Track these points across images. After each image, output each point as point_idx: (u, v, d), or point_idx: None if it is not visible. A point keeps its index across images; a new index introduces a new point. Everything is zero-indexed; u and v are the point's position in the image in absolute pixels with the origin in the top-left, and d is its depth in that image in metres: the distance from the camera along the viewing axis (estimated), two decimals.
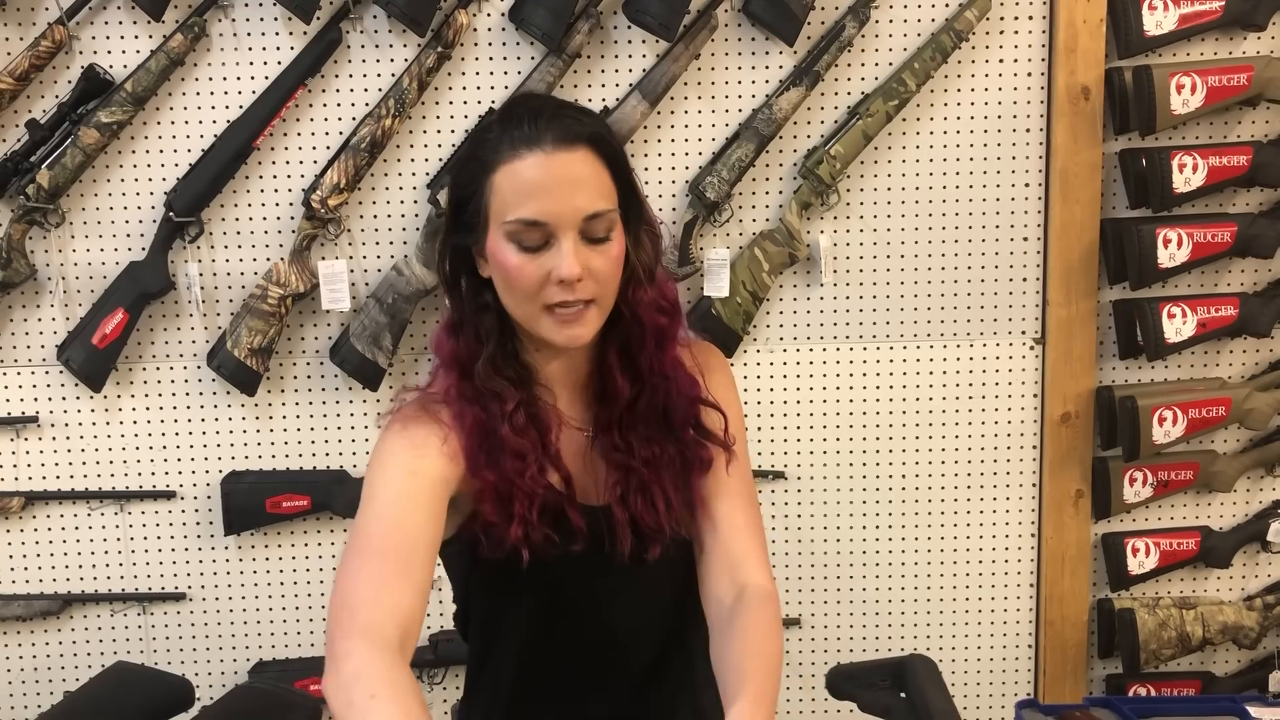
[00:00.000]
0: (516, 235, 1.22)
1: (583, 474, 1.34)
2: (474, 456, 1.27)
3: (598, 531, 1.31)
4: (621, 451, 1.31)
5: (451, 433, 1.28)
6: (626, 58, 2.27)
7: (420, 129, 2.27)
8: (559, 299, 1.23)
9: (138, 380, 2.32)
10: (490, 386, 1.28)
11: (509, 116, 1.26)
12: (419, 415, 1.30)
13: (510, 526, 1.25)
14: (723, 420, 1.36)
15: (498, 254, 1.24)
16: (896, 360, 2.41)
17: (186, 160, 2.24)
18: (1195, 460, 2.42)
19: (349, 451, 2.36)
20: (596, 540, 1.31)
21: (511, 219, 1.22)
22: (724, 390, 1.41)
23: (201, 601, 2.39)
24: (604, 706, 1.41)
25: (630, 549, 1.30)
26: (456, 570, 1.41)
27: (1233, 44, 2.34)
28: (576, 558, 1.29)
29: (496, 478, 1.26)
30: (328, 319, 2.32)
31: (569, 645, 1.38)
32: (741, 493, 1.38)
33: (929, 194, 2.36)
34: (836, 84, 2.31)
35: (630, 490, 1.31)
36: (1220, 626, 2.45)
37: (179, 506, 2.36)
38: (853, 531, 2.46)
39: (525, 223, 1.21)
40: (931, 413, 2.43)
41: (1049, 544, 2.46)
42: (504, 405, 1.27)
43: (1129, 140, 2.36)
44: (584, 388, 1.35)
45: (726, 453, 1.36)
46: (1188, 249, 2.31)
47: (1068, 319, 2.39)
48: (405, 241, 2.30)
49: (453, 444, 1.27)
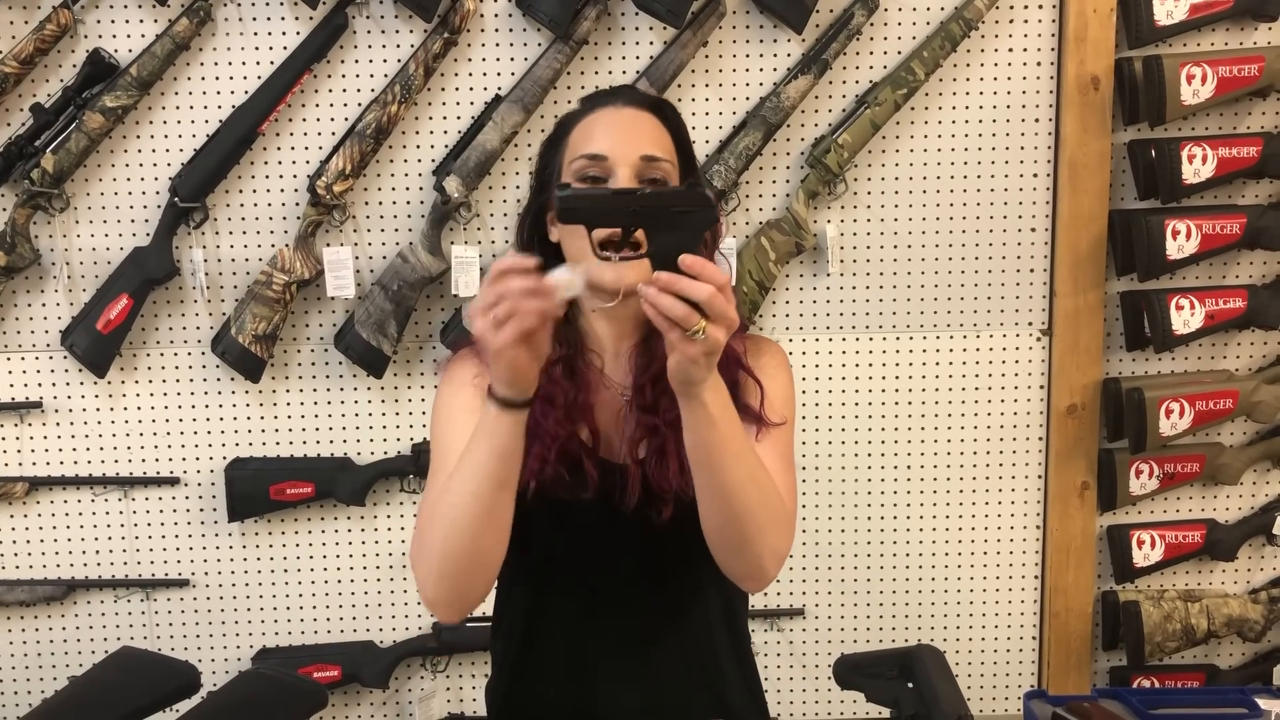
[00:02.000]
0: (581, 171, 1.32)
1: (613, 433, 1.38)
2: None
3: (610, 484, 1.35)
4: (649, 411, 1.35)
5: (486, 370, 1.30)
6: (634, 45, 2.26)
7: (426, 115, 2.26)
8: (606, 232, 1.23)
9: (142, 366, 2.32)
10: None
11: (593, 95, 1.41)
12: (464, 356, 1.40)
13: (529, 461, 1.30)
14: (760, 394, 1.38)
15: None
16: (903, 350, 2.40)
17: (191, 146, 2.23)
18: (1202, 453, 2.42)
19: (353, 439, 2.36)
20: (607, 492, 1.35)
21: (578, 155, 1.33)
22: (773, 370, 1.42)
23: (205, 588, 2.39)
24: (612, 672, 1.42)
25: (637, 505, 1.34)
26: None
27: (1244, 34, 2.33)
28: (584, 505, 1.35)
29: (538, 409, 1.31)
30: (332, 306, 2.31)
31: (575, 598, 1.41)
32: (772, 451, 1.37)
33: (937, 184, 2.35)
34: (845, 72, 2.30)
35: (650, 451, 1.35)
36: (1225, 619, 2.44)
37: (183, 493, 2.36)
38: (858, 522, 2.45)
39: (588, 156, 1.31)
40: (938, 403, 2.42)
41: (1054, 535, 2.45)
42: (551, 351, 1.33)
43: (1138, 131, 2.35)
44: (631, 355, 1.39)
45: (759, 426, 1.36)
46: (1196, 240, 2.30)
47: (1075, 310, 2.38)
48: (410, 228, 2.29)
49: (485, 379, 1.31)
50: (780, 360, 1.45)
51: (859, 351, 2.39)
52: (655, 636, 1.43)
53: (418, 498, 2.37)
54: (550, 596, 1.44)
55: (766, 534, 1.26)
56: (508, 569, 1.39)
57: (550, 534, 1.39)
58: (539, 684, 1.45)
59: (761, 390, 1.38)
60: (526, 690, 1.46)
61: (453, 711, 2.45)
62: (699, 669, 1.45)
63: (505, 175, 2.29)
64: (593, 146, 1.32)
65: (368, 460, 2.35)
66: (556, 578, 1.43)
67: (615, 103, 1.36)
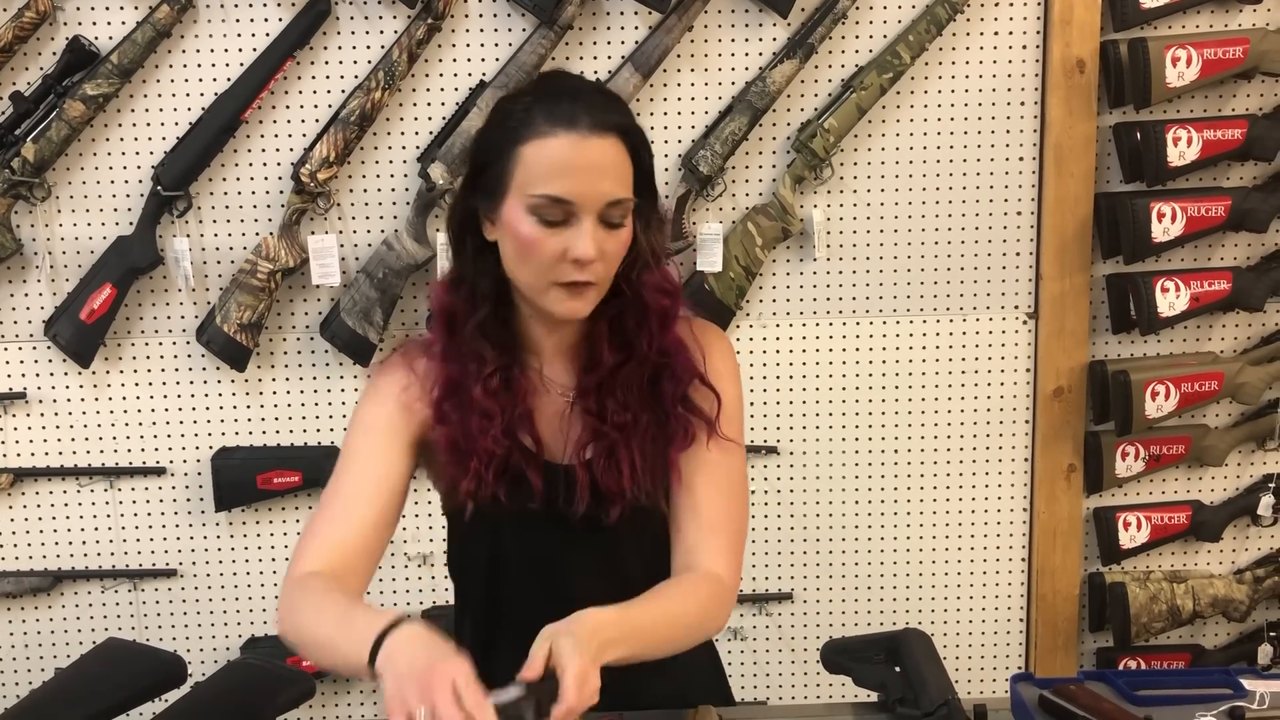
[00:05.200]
0: (539, 209, 1.25)
1: (556, 437, 1.37)
2: (439, 409, 1.32)
3: (555, 490, 1.35)
4: (594, 415, 1.34)
5: (415, 382, 1.34)
6: (619, 29, 2.25)
7: (410, 102, 2.25)
8: (570, 277, 1.26)
9: (126, 356, 2.30)
10: (473, 347, 1.32)
11: (546, 92, 1.29)
12: (394, 364, 1.37)
13: (463, 481, 1.31)
14: (715, 400, 1.37)
15: (515, 223, 1.26)
16: (889, 335, 2.40)
17: (174, 134, 2.21)
18: (1187, 435, 2.43)
19: (340, 427, 2.35)
20: (553, 499, 1.35)
21: (538, 193, 1.24)
22: (727, 376, 1.42)
23: (193, 578, 2.38)
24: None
25: (586, 509, 1.34)
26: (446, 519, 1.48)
27: (1228, 16, 2.33)
28: (530, 516, 1.35)
29: (458, 433, 1.31)
30: (318, 294, 2.31)
31: (527, 601, 1.40)
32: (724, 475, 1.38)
33: (923, 168, 2.35)
34: (830, 56, 2.29)
35: (597, 452, 1.34)
36: (1210, 600, 2.46)
37: (169, 483, 2.35)
38: (845, 506, 2.46)
39: (551, 199, 1.24)
40: (924, 387, 2.43)
41: (1041, 518, 2.46)
42: (482, 367, 1.32)
43: (1123, 114, 2.35)
44: (570, 354, 1.38)
45: (711, 431, 1.37)
46: (1181, 223, 2.31)
47: (1061, 293, 2.38)
48: (396, 215, 2.28)
49: (412, 393, 1.34)
50: (732, 364, 1.44)
51: (845, 336, 2.39)
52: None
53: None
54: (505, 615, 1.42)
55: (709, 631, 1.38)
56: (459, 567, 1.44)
57: (496, 553, 1.39)
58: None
59: (718, 401, 1.38)
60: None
61: None
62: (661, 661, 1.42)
63: None
64: (555, 188, 1.23)
65: None
66: (509, 596, 1.41)
67: (579, 128, 1.24)
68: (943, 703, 1.22)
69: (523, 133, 1.26)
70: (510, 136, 1.27)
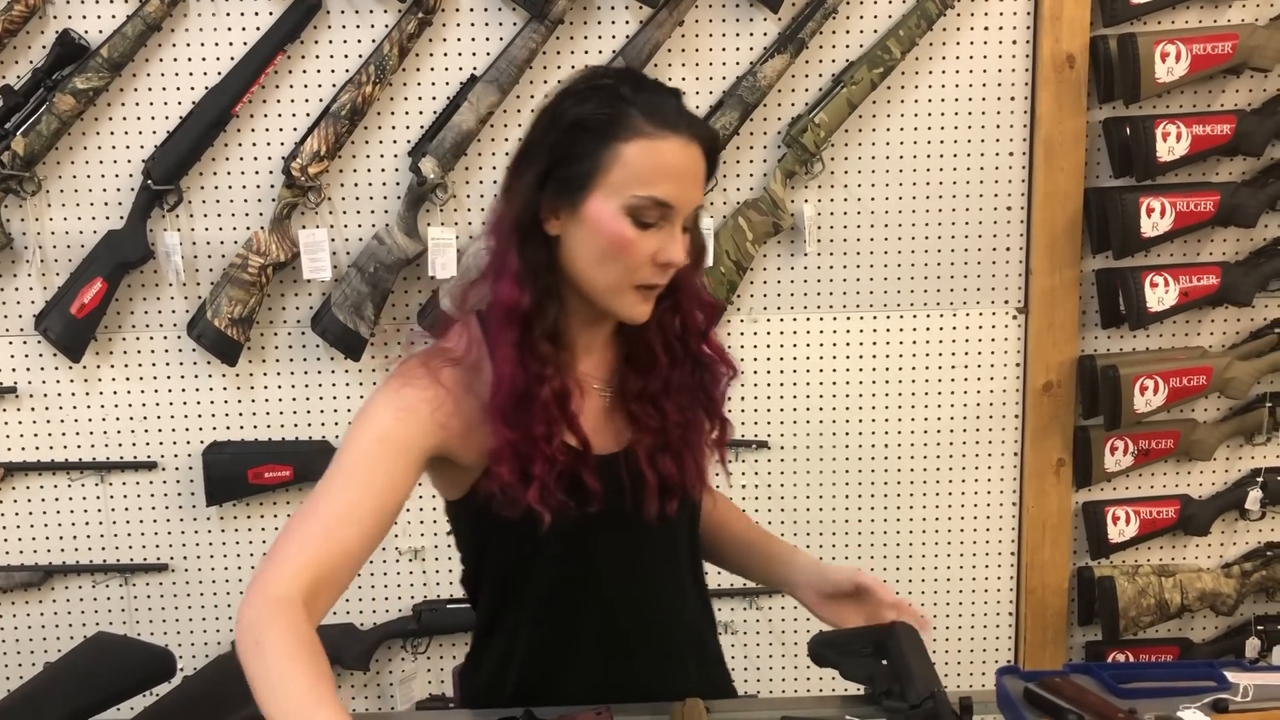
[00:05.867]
0: (639, 210, 1.23)
1: (599, 434, 1.35)
2: (504, 415, 1.26)
3: (613, 488, 1.33)
4: (655, 418, 1.35)
5: (448, 398, 1.28)
6: (610, 24, 2.25)
7: (401, 96, 2.25)
8: (653, 280, 1.27)
9: (117, 350, 2.30)
10: (541, 349, 1.28)
11: (640, 87, 1.26)
12: (419, 375, 1.29)
13: (527, 489, 1.26)
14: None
15: (605, 221, 1.24)
16: (880, 329, 2.41)
17: (164, 127, 2.21)
18: (1176, 429, 2.44)
19: (331, 421, 2.35)
20: (612, 498, 1.32)
21: (643, 194, 1.23)
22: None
23: (184, 572, 2.39)
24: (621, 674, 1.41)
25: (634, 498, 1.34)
26: (469, 530, 1.42)
27: (1217, 12, 2.34)
28: (593, 516, 1.31)
29: (519, 438, 1.26)
30: (309, 288, 2.30)
31: (601, 603, 1.39)
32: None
33: (913, 162, 2.35)
34: (821, 51, 2.29)
35: (653, 450, 1.35)
36: (1199, 593, 2.47)
37: (160, 477, 2.35)
38: (835, 500, 2.46)
39: (656, 201, 1.23)
40: (914, 382, 2.43)
41: (1030, 512, 2.47)
42: (545, 368, 1.28)
43: (1113, 109, 2.35)
44: (603, 348, 1.38)
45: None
46: (1171, 218, 2.31)
47: (1050, 288, 2.39)
48: (387, 210, 2.28)
49: (446, 410, 1.28)
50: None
51: (836, 331, 2.40)
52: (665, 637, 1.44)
53: None
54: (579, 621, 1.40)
55: None
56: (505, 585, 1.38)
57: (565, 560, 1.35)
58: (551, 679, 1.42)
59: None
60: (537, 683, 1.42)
61: (434, 693, 2.45)
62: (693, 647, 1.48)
63: (481, 156, 2.28)
64: (663, 191, 1.23)
65: None
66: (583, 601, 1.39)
67: (683, 133, 1.24)
68: (928, 695, 1.23)
69: (622, 129, 1.22)
70: (605, 131, 1.23)
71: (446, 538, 2.39)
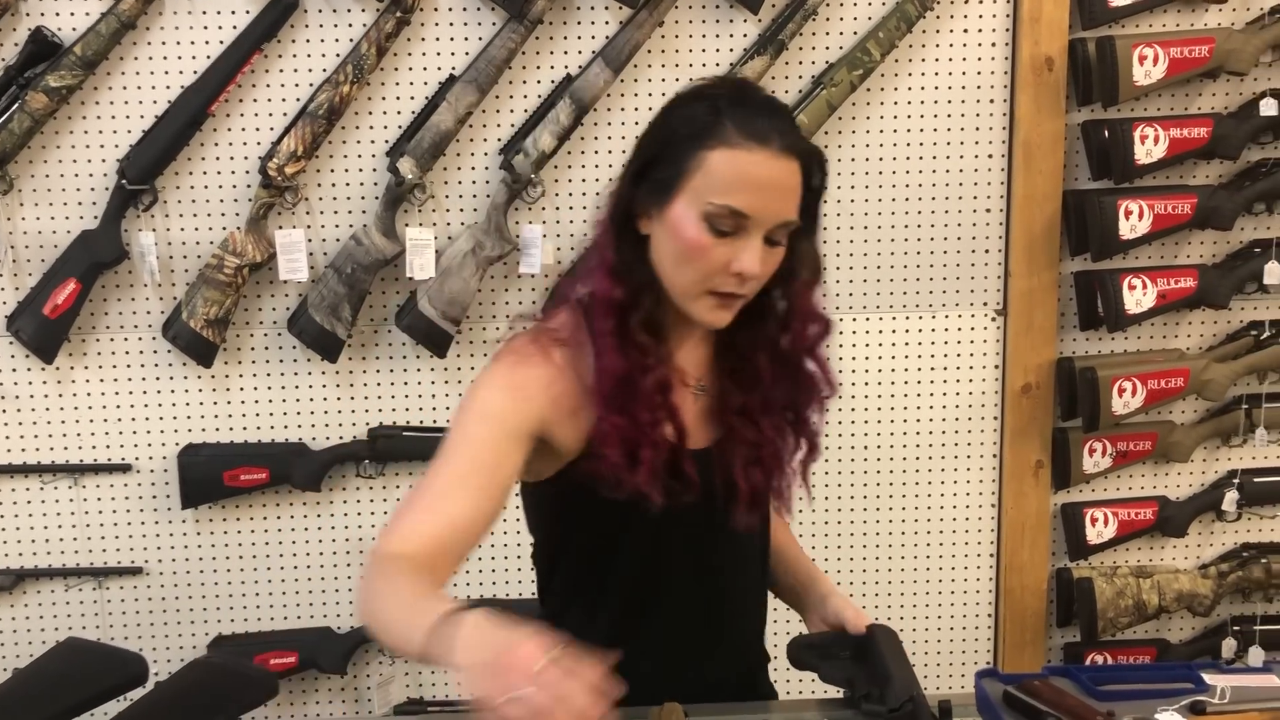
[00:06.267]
0: (714, 218, 1.24)
1: (692, 428, 1.36)
2: (610, 402, 1.29)
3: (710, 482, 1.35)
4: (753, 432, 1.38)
5: (559, 377, 1.30)
6: (589, 24, 2.24)
7: (379, 96, 2.23)
8: (727, 288, 1.27)
9: (91, 352, 2.28)
10: (639, 339, 1.30)
11: (739, 100, 1.27)
12: (531, 353, 1.31)
13: (635, 473, 1.28)
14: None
15: (683, 225, 1.25)
16: (859, 332, 2.40)
17: (139, 127, 2.19)
18: (1154, 431, 2.45)
19: (308, 424, 2.33)
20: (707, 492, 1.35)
21: (718, 202, 1.23)
22: None
23: (159, 576, 2.36)
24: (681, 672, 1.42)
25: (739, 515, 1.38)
26: (553, 512, 1.43)
27: (1194, 16, 2.35)
28: (687, 507, 1.33)
29: (627, 423, 1.28)
30: (285, 289, 2.29)
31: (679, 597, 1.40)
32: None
33: (893, 165, 2.35)
34: (801, 53, 2.29)
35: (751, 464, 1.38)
36: (1176, 595, 2.48)
37: (135, 480, 2.33)
38: (815, 502, 2.46)
39: (731, 210, 1.23)
40: (894, 384, 2.44)
41: (1009, 514, 2.48)
42: (646, 358, 1.30)
43: (1091, 111, 2.36)
44: (698, 344, 1.39)
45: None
46: (1149, 220, 2.32)
47: (1029, 290, 2.40)
48: (364, 210, 2.26)
49: (557, 387, 1.30)
50: None
51: None
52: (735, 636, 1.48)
53: (373, 483, 2.35)
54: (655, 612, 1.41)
55: None
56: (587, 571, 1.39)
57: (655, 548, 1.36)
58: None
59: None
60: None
61: (411, 696, 2.44)
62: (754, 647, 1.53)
63: (460, 156, 2.27)
64: (739, 201, 1.23)
65: (323, 445, 2.33)
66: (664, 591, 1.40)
67: (773, 143, 1.24)
68: (908, 699, 1.22)
69: (710, 138, 1.24)
70: (695, 137, 1.25)
71: None
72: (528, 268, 2.28)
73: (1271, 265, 2.37)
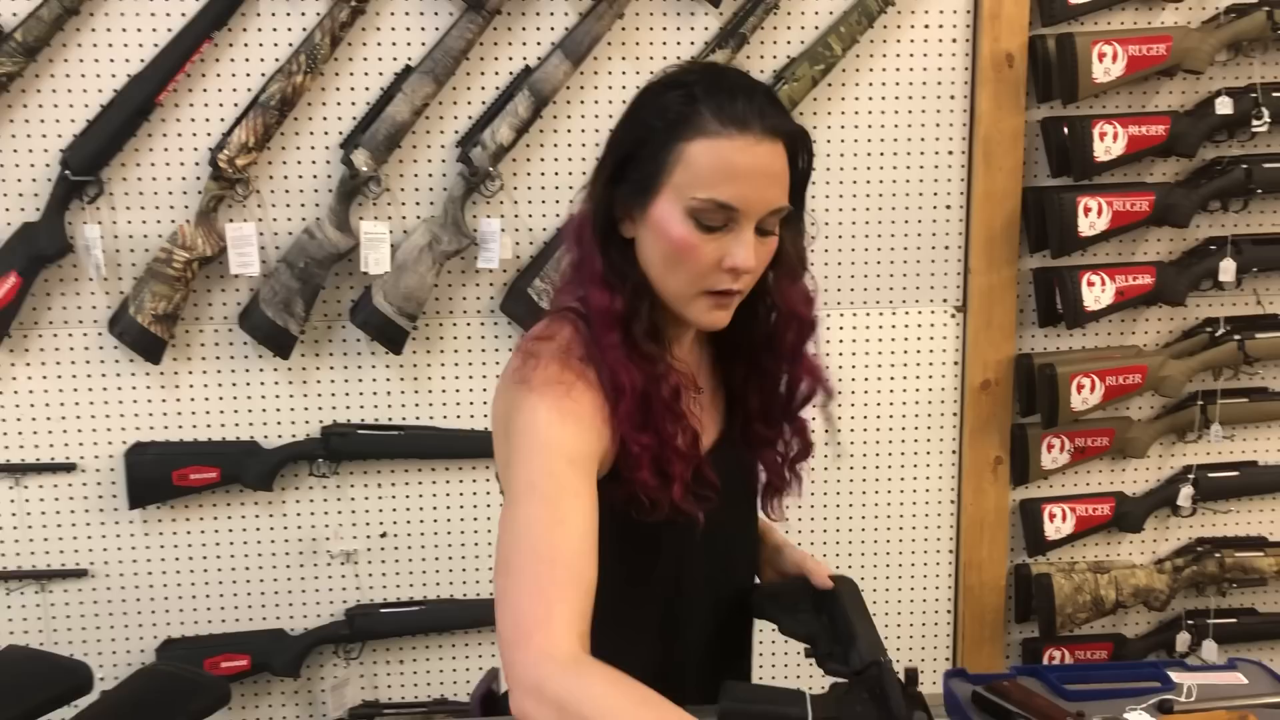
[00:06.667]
0: (700, 213, 1.17)
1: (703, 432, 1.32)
2: (630, 419, 1.20)
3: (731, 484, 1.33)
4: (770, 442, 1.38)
5: (602, 400, 1.21)
6: (548, 15, 2.21)
7: (333, 86, 2.19)
8: (723, 286, 1.20)
9: (34, 348, 2.21)
10: (647, 349, 1.22)
11: (713, 85, 1.19)
12: (573, 380, 1.20)
13: (669, 490, 1.21)
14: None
15: (669, 226, 1.18)
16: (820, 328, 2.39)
17: (84, 116, 2.13)
18: (1111, 427, 2.46)
19: (259, 421, 2.28)
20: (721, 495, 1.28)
21: (703, 197, 1.16)
22: None
23: (105, 578, 2.30)
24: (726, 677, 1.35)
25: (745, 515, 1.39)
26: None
27: (1151, 14, 2.36)
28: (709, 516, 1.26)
29: (655, 441, 1.21)
30: (236, 284, 2.23)
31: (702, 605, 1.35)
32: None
33: (854, 161, 2.34)
34: (762, 47, 2.27)
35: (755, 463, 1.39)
36: (1133, 590, 2.49)
37: (80, 479, 2.26)
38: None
39: (717, 204, 1.16)
40: (854, 380, 2.43)
41: (968, 510, 2.48)
42: (656, 366, 1.22)
43: (1050, 108, 2.36)
44: (694, 345, 1.34)
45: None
46: (1107, 218, 2.33)
47: (989, 287, 2.40)
48: (317, 203, 2.22)
49: (605, 411, 1.21)
50: None
51: None
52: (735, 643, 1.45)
53: (327, 482, 2.30)
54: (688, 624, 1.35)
55: None
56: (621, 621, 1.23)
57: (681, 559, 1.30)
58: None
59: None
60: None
61: (367, 699, 2.40)
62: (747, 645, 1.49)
63: (416, 149, 2.23)
64: (725, 193, 1.16)
65: (275, 444, 2.28)
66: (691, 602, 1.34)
67: (752, 131, 1.16)
68: (873, 662, 1.17)
69: (687, 128, 1.17)
70: (671, 130, 1.17)
71: (380, 540, 2.35)
72: (485, 262, 2.24)
73: (1226, 262, 2.39)
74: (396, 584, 2.37)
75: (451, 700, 2.41)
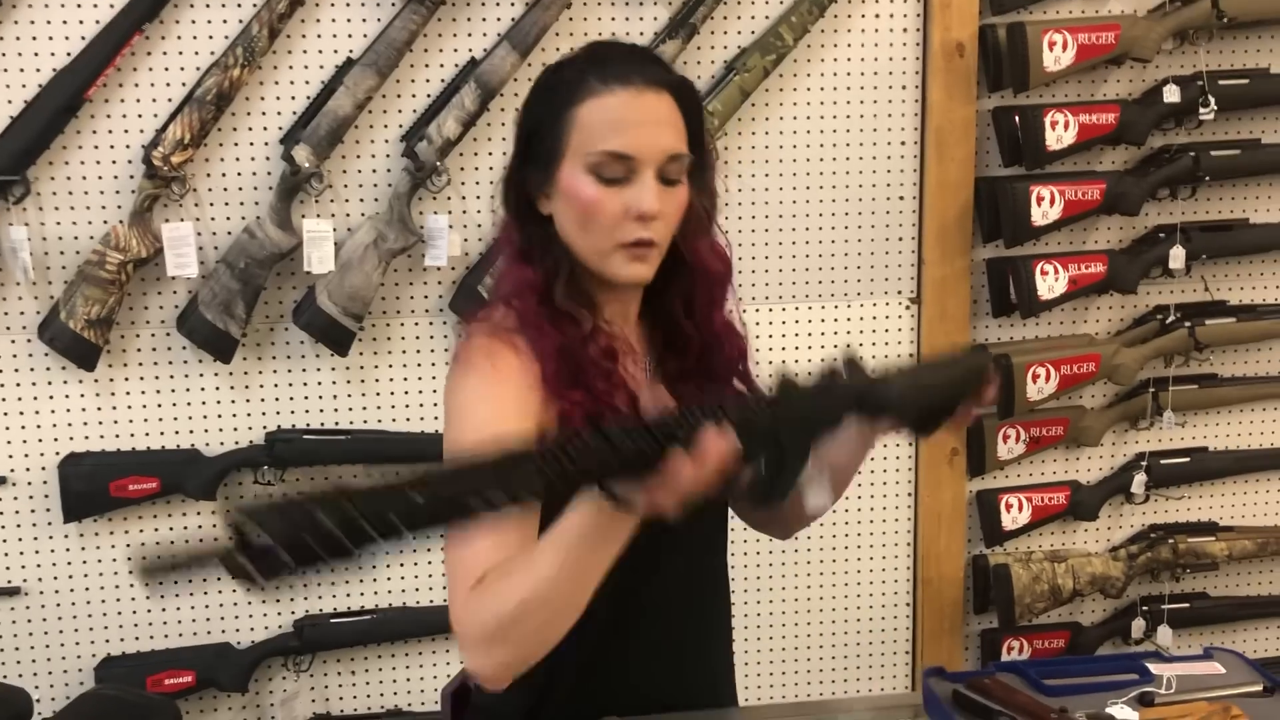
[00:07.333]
0: (599, 167, 1.23)
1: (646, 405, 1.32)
2: (558, 379, 1.25)
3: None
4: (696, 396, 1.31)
5: (531, 362, 1.26)
6: (494, 5, 2.16)
7: (272, 80, 2.12)
8: (634, 236, 1.24)
9: None
10: (567, 308, 1.27)
11: (596, 57, 1.28)
12: (498, 346, 1.26)
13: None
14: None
15: (574, 187, 1.24)
16: (775, 322, 2.37)
17: (7, 113, 2.04)
18: (1065, 416, 2.46)
19: (200, 429, 2.20)
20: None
21: (598, 150, 1.23)
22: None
23: (39, 595, 2.20)
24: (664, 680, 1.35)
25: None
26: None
27: (1099, 2, 2.36)
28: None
29: (585, 398, 1.24)
30: (174, 286, 2.15)
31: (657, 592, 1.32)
32: None
33: (806, 152, 2.32)
34: (713, 37, 2.24)
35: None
36: (1089, 578, 2.50)
37: (10, 493, 2.17)
38: None
39: (612, 154, 1.22)
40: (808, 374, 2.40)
41: (925, 503, 2.47)
42: (582, 327, 1.28)
43: (1001, 98, 2.36)
44: (634, 319, 1.36)
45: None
46: (1060, 206, 2.33)
47: (943, 278, 2.39)
48: (257, 202, 2.14)
49: (532, 374, 1.25)
50: None
51: None
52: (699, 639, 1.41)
53: (273, 490, 2.23)
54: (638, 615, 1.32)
55: None
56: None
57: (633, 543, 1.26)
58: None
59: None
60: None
61: (318, 712, 2.33)
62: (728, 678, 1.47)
63: (359, 144, 2.16)
64: (616, 143, 1.22)
65: (217, 451, 2.20)
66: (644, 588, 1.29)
67: (635, 82, 1.24)
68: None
69: (576, 96, 1.24)
70: (563, 101, 1.25)
71: None
72: (433, 260, 2.19)
73: (1176, 250, 2.40)
74: (347, 593, 2.30)
75: (405, 711, 2.35)
